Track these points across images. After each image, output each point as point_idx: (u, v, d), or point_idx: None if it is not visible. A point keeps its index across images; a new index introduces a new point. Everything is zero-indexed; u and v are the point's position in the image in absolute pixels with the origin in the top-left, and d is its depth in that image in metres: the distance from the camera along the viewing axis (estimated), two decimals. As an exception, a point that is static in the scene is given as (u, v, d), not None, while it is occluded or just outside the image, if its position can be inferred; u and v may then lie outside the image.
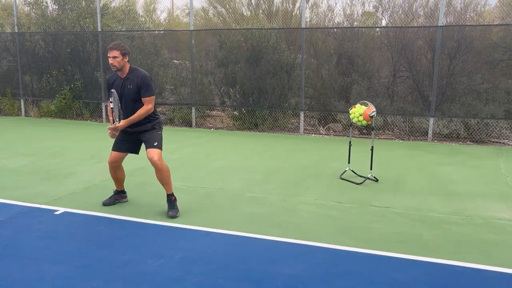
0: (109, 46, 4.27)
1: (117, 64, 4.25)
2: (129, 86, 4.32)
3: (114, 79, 4.41)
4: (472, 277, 3.24)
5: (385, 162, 6.91)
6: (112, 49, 4.22)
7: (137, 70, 4.37)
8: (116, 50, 4.21)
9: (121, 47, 4.23)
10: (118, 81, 4.38)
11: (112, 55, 4.22)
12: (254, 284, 3.11)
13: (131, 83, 4.32)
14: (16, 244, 3.75)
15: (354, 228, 4.17)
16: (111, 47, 4.23)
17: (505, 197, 5.17)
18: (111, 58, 4.23)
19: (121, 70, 4.31)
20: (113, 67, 4.27)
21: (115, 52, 4.22)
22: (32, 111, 12.24)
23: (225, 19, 11.73)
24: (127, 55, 4.28)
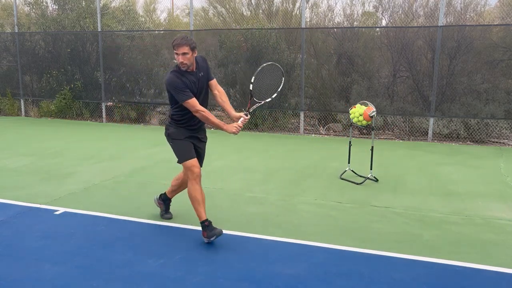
0: (176, 41, 3.57)
1: (188, 61, 3.61)
2: (200, 74, 3.76)
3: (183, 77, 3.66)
4: (472, 277, 3.24)
5: (385, 162, 6.91)
6: (181, 44, 3.55)
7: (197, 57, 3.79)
8: (186, 45, 3.56)
9: (190, 41, 3.59)
10: (192, 76, 3.71)
11: (182, 52, 3.57)
12: (254, 284, 3.11)
13: (201, 71, 3.78)
14: (16, 244, 3.75)
15: (354, 228, 4.17)
16: (179, 43, 3.55)
17: (505, 197, 5.17)
18: (180, 55, 3.58)
19: (190, 66, 3.68)
20: (183, 66, 3.62)
21: (185, 48, 3.56)
22: (32, 111, 12.24)
23: (225, 19, 11.73)
24: (195, 50, 3.67)
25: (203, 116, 3.69)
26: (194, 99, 3.65)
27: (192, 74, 3.71)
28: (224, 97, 3.92)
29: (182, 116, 3.80)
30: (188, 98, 3.62)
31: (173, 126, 3.86)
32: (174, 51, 3.62)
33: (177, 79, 3.63)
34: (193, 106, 3.65)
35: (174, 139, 3.84)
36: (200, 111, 3.67)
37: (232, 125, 3.72)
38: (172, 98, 3.78)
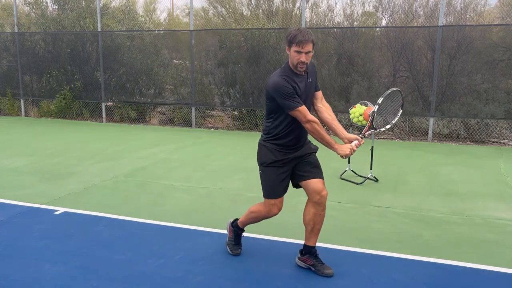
0: (301, 37, 2.88)
1: (309, 61, 3.00)
2: (309, 80, 3.14)
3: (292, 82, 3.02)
4: (472, 277, 3.24)
5: (385, 162, 6.90)
6: (308, 41, 2.90)
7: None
8: (312, 42, 2.93)
9: (313, 36, 2.95)
10: (302, 82, 3.08)
11: (306, 50, 2.92)
12: (254, 284, 3.11)
13: (310, 76, 3.15)
14: (16, 244, 3.75)
15: (354, 228, 4.17)
16: (305, 39, 2.88)
17: (505, 197, 5.17)
18: (304, 54, 2.92)
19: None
20: (302, 67, 2.98)
21: (310, 46, 2.93)
22: (32, 111, 12.24)
23: (225, 19, 11.73)
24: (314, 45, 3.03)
25: (314, 129, 3.01)
26: (305, 107, 3.00)
27: (301, 77, 3.07)
28: (332, 113, 3.28)
29: (281, 131, 3.15)
30: (299, 105, 2.97)
31: (267, 146, 3.25)
32: (295, 48, 2.92)
33: (286, 83, 2.97)
34: (305, 115, 2.98)
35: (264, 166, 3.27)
36: (312, 122, 2.99)
37: (346, 145, 3.05)
38: (271, 107, 3.12)
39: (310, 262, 3.31)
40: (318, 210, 3.19)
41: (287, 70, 3.04)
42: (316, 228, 3.24)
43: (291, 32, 2.95)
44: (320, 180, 3.20)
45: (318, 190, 3.17)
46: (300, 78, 3.06)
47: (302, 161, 3.23)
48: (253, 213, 3.42)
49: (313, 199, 3.19)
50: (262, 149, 3.29)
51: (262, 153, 3.27)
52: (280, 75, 3.02)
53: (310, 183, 3.18)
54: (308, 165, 3.22)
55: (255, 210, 3.41)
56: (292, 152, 3.20)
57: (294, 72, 3.03)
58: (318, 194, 3.17)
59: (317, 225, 3.23)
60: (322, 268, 3.25)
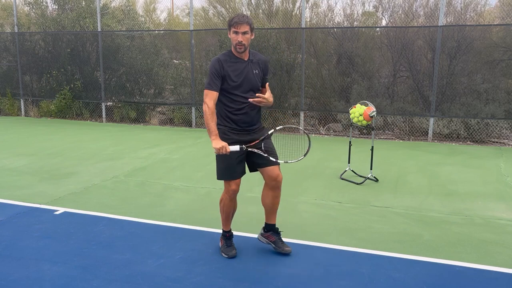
0: (236, 19, 3.17)
1: (247, 42, 3.21)
2: (255, 71, 3.32)
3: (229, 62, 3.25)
4: (472, 277, 3.24)
5: (385, 162, 6.90)
6: (242, 22, 3.15)
7: (257, 53, 3.47)
8: (247, 24, 3.16)
9: (250, 19, 3.21)
10: (238, 65, 3.27)
11: (243, 30, 3.16)
12: (254, 284, 3.11)
13: (257, 68, 3.34)
14: (16, 244, 3.75)
15: (354, 228, 4.17)
16: (240, 21, 3.15)
17: (505, 197, 5.17)
18: (240, 34, 3.16)
19: (245, 51, 3.27)
20: (240, 47, 3.20)
21: (245, 27, 3.16)
22: (32, 111, 12.24)
23: (225, 19, 11.72)
24: (254, 32, 3.28)
25: (205, 113, 3.21)
26: (212, 93, 3.22)
27: (242, 62, 3.28)
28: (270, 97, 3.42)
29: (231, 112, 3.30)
30: (210, 88, 3.22)
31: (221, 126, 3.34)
32: (233, 29, 3.17)
33: (216, 64, 3.23)
34: (206, 99, 3.22)
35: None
36: (207, 107, 3.20)
37: (220, 142, 3.16)
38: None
39: (272, 238, 3.57)
40: (275, 193, 3.46)
41: (227, 53, 3.30)
42: (275, 208, 3.55)
43: (231, 17, 3.25)
44: (275, 167, 3.38)
45: (273, 176, 3.38)
46: (239, 62, 3.27)
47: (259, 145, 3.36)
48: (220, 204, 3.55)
49: (269, 184, 3.42)
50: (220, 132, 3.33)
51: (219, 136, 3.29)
52: (219, 55, 3.29)
53: (266, 170, 3.39)
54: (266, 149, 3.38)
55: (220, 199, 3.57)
56: (246, 135, 3.35)
57: (235, 56, 3.27)
58: (274, 180, 3.39)
59: (275, 205, 3.53)
60: (283, 245, 3.53)
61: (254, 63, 3.34)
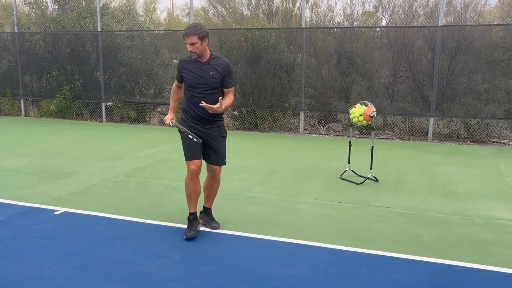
0: (185, 31, 3.66)
1: (198, 50, 3.69)
2: (211, 72, 3.78)
3: (190, 62, 3.85)
4: (472, 277, 3.24)
5: (385, 162, 6.91)
6: (189, 34, 3.63)
7: (220, 58, 3.85)
8: (193, 35, 3.62)
9: (198, 30, 3.63)
10: (196, 65, 3.81)
11: (190, 41, 3.65)
12: (254, 284, 3.11)
13: (214, 70, 3.79)
14: (16, 244, 3.75)
15: (354, 228, 4.17)
16: (187, 33, 3.64)
17: (505, 197, 5.17)
18: (189, 45, 3.68)
19: (202, 56, 3.76)
20: (193, 55, 3.74)
21: (192, 38, 3.64)
22: (32, 111, 12.24)
23: (225, 19, 11.73)
24: (206, 38, 3.70)
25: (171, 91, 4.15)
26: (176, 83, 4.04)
27: (200, 64, 3.80)
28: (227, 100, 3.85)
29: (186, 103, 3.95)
30: (176, 78, 4.00)
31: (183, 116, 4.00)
32: (184, 40, 3.70)
33: (181, 62, 3.91)
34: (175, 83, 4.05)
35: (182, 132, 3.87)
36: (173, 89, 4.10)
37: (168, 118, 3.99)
38: None
39: (204, 218, 4.18)
40: (212, 182, 4.05)
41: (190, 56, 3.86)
42: (212, 194, 4.11)
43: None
44: (218, 167, 3.99)
45: (213, 169, 3.98)
46: (198, 64, 3.81)
47: (210, 144, 3.91)
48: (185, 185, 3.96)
49: (209, 175, 4.03)
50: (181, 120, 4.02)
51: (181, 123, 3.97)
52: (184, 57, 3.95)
53: (210, 166, 3.99)
54: (213, 151, 3.93)
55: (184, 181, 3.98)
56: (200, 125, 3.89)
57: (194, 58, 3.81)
58: (213, 172, 3.99)
59: (212, 192, 4.11)
60: (212, 223, 4.12)
61: (211, 65, 3.80)
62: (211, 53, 3.82)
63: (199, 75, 3.80)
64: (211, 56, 3.82)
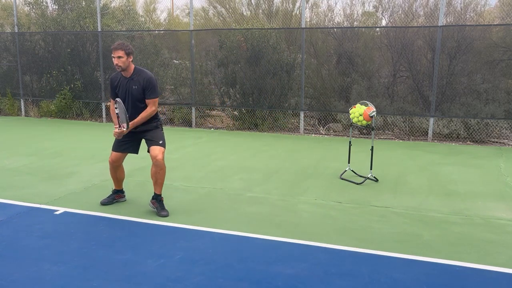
0: (113, 46, 4.26)
1: (122, 64, 4.27)
2: (134, 86, 4.35)
3: (118, 78, 4.43)
4: (472, 277, 3.24)
5: (385, 162, 6.91)
6: (117, 49, 4.22)
7: (143, 72, 4.40)
8: (121, 50, 4.22)
9: (126, 46, 4.24)
10: (122, 81, 4.40)
11: (117, 55, 4.23)
12: (254, 284, 3.11)
13: (136, 84, 4.35)
14: (16, 244, 3.75)
15: (354, 228, 4.17)
16: (115, 47, 4.23)
17: (505, 197, 5.17)
18: (115, 58, 4.24)
19: (126, 70, 4.34)
20: (118, 67, 4.30)
21: (119, 52, 4.23)
22: (32, 111, 12.24)
23: (225, 19, 11.73)
24: (131, 55, 4.31)
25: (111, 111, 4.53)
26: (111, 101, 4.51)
27: (125, 79, 4.39)
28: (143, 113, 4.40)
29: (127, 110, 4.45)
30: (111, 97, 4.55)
31: None
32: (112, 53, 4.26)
33: (112, 78, 4.51)
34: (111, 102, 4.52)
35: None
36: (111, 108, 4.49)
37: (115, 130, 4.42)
38: None
39: (155, 204, 4.50)
40: (157, 169, 4.40)
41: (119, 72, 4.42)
42: (159, 181, 4.44)
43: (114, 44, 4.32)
44: (154, 148, 4.40)
45: (153, 155, 4.37)
46: (123, 79, 4.40)
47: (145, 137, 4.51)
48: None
49: (152, 161, 4.40)
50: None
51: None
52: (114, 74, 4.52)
53: (150, 150, 4.43)
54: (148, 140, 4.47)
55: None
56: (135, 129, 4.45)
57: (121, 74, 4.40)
58: (154, 158, 4.36)
59: (159, 179, 4.44)
60: (160, 211, 4.45)
61: (134, 80, 4.35)
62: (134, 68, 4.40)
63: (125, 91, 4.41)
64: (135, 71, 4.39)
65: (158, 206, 4.49)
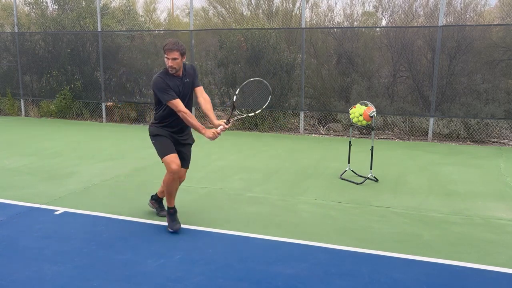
0: (167, 46, 3.73)
1: (177, 66, 3.80)
2: (186, 80, 3.94)
3: (169, 79, 3.87)
4: (472, 277, 3.24)
5: (385, 162, 6.91)
6: (172, 50, 3.72)
7: (184, 64, 3.98)
8: (176, 51, 3.73)
9: (180, 46, 3.76)
10: (176, 81, 3.89)
11: (172, 57, 3.74)
12: (254, 284, 3.11)
13: (188, 78, 3.95)
14: (16, 244, 3.75)
15: (354, 228, 4.17)
16: (170, 48, 3.72)
17: (505, 197, 5.17)
18: (170, 60, 3.75)
19: (178, 71, 3.88)
20: (172, 70, 3.80)
21: (175, 53, 3.74)
22: (32, 111, 12.24)
23: (225, 19, 11.73)
24: (185, 55, 3.84)
25: (184, 118, 3.89)
26: (178, 100, 3.85)
27: (177, 78, 3.91)
28: (209, 105, 4.07)
29: (164, 118, 4.00)
30: (172, 98, 3.84)
31: (154, 125, 4.07)
32: (165, 55, 3.77)
33: (162, 81, 3.83)
34: (176, 106, 3.84)
35: (155, 135, 4.04)
36: (182, 112, 3.86)
37: (210, 130, 3.87)
38: (157, 99, 3.97)
39: (155, 206, 4.45)
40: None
41: (163, 72, 3.89)
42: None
43: (165, 41, 3.81)
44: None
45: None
46: (175, 79, 3.88)
47: (179, 149, 4.10)
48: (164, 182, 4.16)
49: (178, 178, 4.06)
50: (152, 127, 4.09)
51: (153, 129, 4.07)
52: (158, 74, 3.88)
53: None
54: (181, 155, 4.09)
55: (164, 180, 4.14)
56: (174, 133, 4.07)
57: (169, 74, 3.87)
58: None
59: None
60: (162, 211, 4.38)
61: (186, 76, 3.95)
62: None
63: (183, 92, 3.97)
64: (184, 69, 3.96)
65: (159, 208, 4.46)
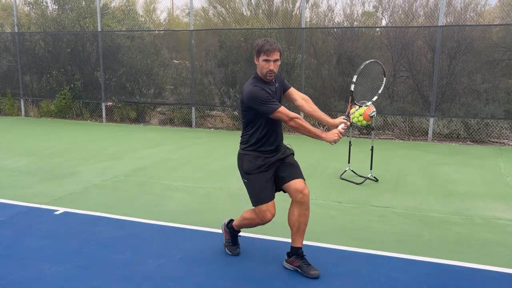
0: (267, 47, 3.01)
1: (277, 69, 3.10)
2: (277, 85, 3.24)
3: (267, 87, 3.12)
4: (472, 277, 3.24)
5: (385, 162, 6.90)
6: (274, 50, 3.02)
7: None
8: (278, 50, 3.05)
9: (278, 45, 3.09)
10: (272, 88, 3.18)
11: (274, 58, 3.04)
12: (254, 284, 3.11)
13: (277, 81, 3.26)
14: (16, 244, 3.75)
15: (354, 228, 4.17)
16: (271, 48, 3.01)
17: (505, 197, 5.17)
18: (272, 62, 3.03)
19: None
20: (271, 75, 3.08)
21: (277, 54, 3.05)
22: (32, 111, 12.24)
23: (225, 19, 11.72)
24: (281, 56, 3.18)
25: (299, 124, 3.09)
26: (284, 107, 3.10)
27: (270, 84, 3.17)
28: (312, 104, 3.39)
29: (260, 138, 3.19)
30: (278, 106, 3.06)
31: (248, 151, 3.23)
32: (263, 57, 3.03)
33: (261, 90, 3.06)
34: (287, 114, 3.05)
35: (249, 173, 3.20)
36: (295, 118, 3.07)
37: (332, 132, 3.18)
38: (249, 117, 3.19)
39: (296, 263, 3.27)
40: (301, 209, 3.17)
41: (257, 81, 3.13)
42: (302, 228, 3.22)
43: (259, 43, 3.08)
44: (300, 180, 3.21)
45: (299, 189, 3.16)
46: (269, 85, 3.15)
47: (282, 163, 3.26)
48: (246, 220, 3.40)
49: (296, 198, 3.17)
50: (243, 158, 3.26)
51: (245, 162, 3.24)
52: (254, 86, 3.09)
53: (292, 184, 3.18)
54: (288, 167, 3.26)
55: (248, 217, 3.38)
56: (272, 157, 3.23)
57: (264, 81, 3.12)
58: (300, 192, 3.15)
59: (302, 225, 3.21)
60: (308, 269, 3.20)
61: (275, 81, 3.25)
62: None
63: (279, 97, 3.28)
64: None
65: (303, 263, 3.23)
